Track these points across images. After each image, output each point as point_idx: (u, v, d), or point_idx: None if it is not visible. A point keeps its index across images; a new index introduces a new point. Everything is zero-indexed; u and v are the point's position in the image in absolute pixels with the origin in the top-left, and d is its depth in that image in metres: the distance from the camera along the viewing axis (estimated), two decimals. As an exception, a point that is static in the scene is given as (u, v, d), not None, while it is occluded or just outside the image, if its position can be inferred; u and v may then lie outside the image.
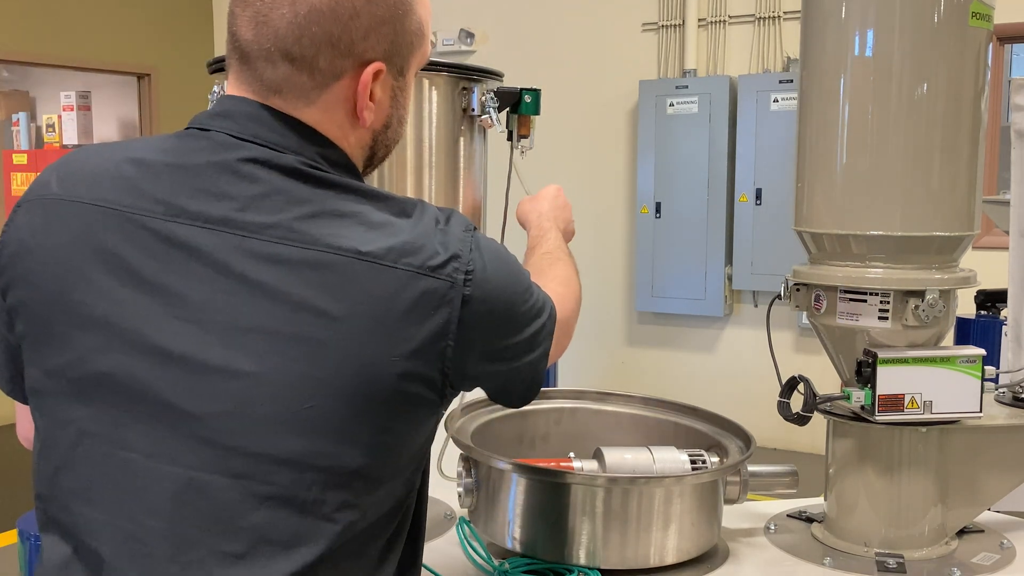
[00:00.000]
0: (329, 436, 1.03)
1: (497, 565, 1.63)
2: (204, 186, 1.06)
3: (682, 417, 1.98)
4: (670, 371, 6.67)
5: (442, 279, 1.05)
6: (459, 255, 1.07)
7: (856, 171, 1.71)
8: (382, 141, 1.18)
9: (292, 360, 1.01)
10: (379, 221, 1.06)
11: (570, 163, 6.76)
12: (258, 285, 1.02)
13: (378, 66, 1.10)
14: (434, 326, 1.05)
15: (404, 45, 1.13)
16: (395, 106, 1.17)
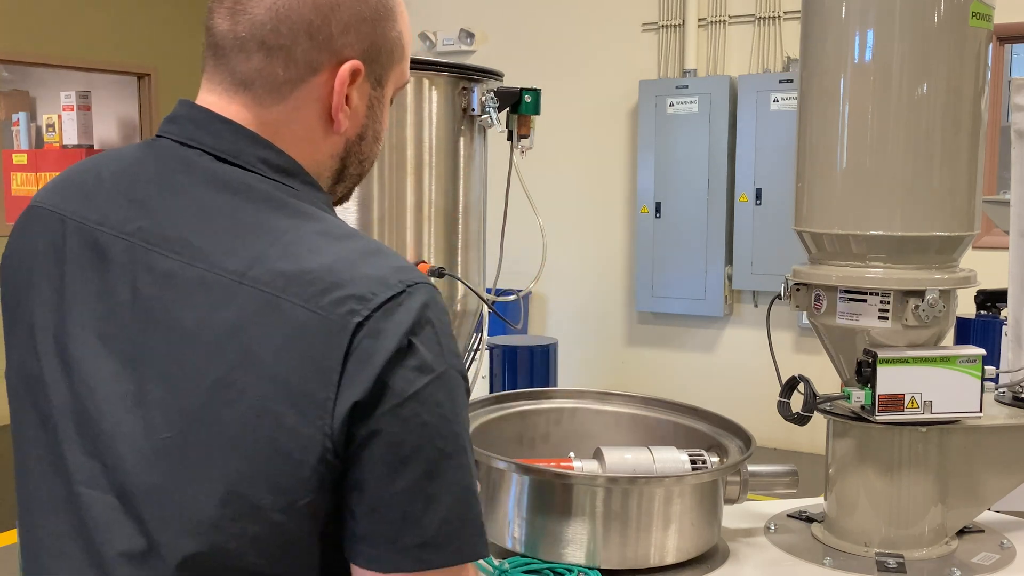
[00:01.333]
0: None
1: (497, 565, 1.63)
2: (133, 195, 1.04)
3: (682, 417, 1.98)
4: (670, 371, 6.67)
5: (331, 317, 0.93)
6: (367, 297, 0.94)
7: (856, 171, 1.71)
8: (355, 154, 1.11)
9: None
10: (290, 240, 0.98)
11: (570, 163, 6.76)
12: (147, 303, 0.99)
13: (356, 64, 1.05)
14: (313, 371, 0.93)
15: (384, 52, 1.08)
16: (371, 117, 1.10)
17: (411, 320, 0.94)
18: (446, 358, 0.96)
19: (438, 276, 1.71)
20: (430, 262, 1.71)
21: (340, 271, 0.95)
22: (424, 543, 0.94)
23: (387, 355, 0.92)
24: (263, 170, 1.03)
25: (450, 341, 0.98)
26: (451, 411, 0.96)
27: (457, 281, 1.76)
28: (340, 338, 0.92)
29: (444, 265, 1.72)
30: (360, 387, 0.92)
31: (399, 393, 0.93)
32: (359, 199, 1.66)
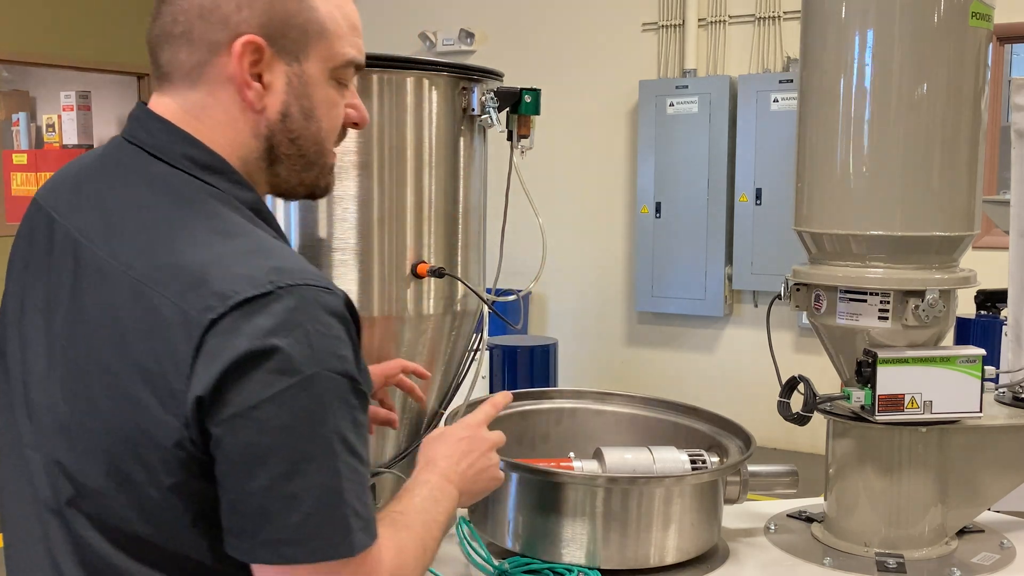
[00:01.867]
0: None
1: (497, 565, 1.63)
2: (83, 187, 1.13)
3: (682, 417, 1.98)
4: (670, 371, 6.67)
5: (190, 312, 0.97)
6: (227, 295, 0.97)
7: (856, 171, 1.71)
8: (281, 132, 1.13)
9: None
10: (182, 237, 1.02)
11: (570, 163, 6.76)
12: (70, 288, 1.07)
13: (250, 39, 1.08)
14: (171, 363, 0.97)
15: (292, 26, 1.10)
16: (293, 95, 1.12)
17: (274, 322, 0.97)
18: (318, 361, 0.98)
19: (438, 276, 1.71)
20: (430, 262, 1.71)
21: (212, 268, 0.99)
22: (283, 539, 0.98)
23: (236, 354, 0.96)
24: (188, 167, 1.09)
25: (327, 343, 1.00)
26: (319, 414, 0.98)
27: (457, 281, 1.76)
28: (194, 333, 0.96)
29: (444, 265, 1.72)
30: (205, 383, 0.96)
31: (253, 394, 0.96)
32: (359, 199, 1.66)
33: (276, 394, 0.96)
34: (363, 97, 1.64)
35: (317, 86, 1.14)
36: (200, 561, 1.03)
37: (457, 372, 1.90)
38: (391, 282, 1.70)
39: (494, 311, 1.81)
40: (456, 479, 1.33)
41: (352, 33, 1.18)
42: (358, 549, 1.00)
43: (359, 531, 1.00)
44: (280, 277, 0.99)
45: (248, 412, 0.96)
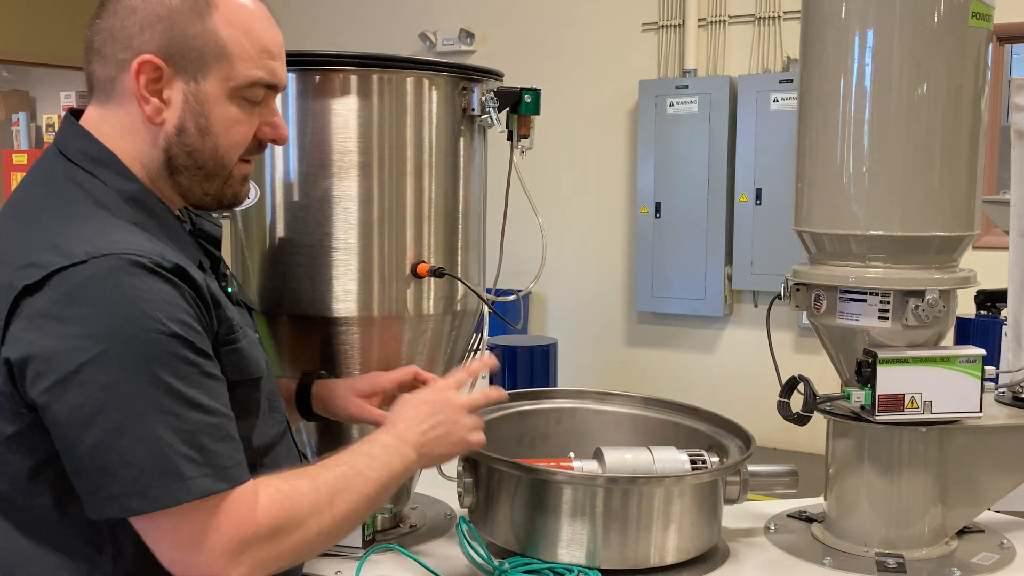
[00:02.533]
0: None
1: (497, 565, 1.63)
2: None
3: (682, 417, 1.98)
4: (670, 371, 6.66)
5: (13, 281, 1.08)
6: (43, 264, 1.08)
7: (856, 171, 1.71)
8: (178, 145, 1.23)
9: None
10: (42, 221, 1.15)
11: (570, 163, 6.76)
12: None
13: (147, 59, 1.19)
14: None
15: (190, 47, 1.20)
16: (189, 111, 1.22)
17: (89, 289, 1.06)
18: (135, 322, 1.06)
19: (438, 276, 1.71)
20: (430, 262, 1.71)
21: (39, 244, 1.11)
22: (124, 492, 1.06)
23: (50, 322, 1.05)
24: (81, 160, 1.21)
25: (145, 305, 1.07)
26: (141, 372, 1.05)
27: (457, 281, 1.76)
28: (8, 297, 1.07)
29: (444, 265, 1.72)
30: (18, 352, 1.06)
31: (71, 359, 1.04)
32: (359, 199, 1.66)
33: (95, 356, 1.04)
34: (363, 97, 1.65)
35: (215, 104, 1.23)
36: (46, 514, 1.12)
37: (457, 372, 1.89)
38: (391, 282, 1.70)
39: (494, 311, 1.81)
40: (413, 440, 1.36)
41: (262, 56, 1.25)
42: (196, 493, 1.07)
43: (200, 477, 1.07)
44: (96, 248, 1.08)
45: (69, 377, 1.04)
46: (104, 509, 1.08)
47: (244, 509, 1.12)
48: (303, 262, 1.67)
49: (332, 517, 1.20)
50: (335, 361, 1.70)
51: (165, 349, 1.08)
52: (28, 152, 6.73)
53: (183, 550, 1.09)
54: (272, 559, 1.15)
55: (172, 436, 1.06)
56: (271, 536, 1.14)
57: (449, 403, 1.44)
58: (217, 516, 1.09)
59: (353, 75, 1.65)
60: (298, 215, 1.67)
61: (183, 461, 1.07)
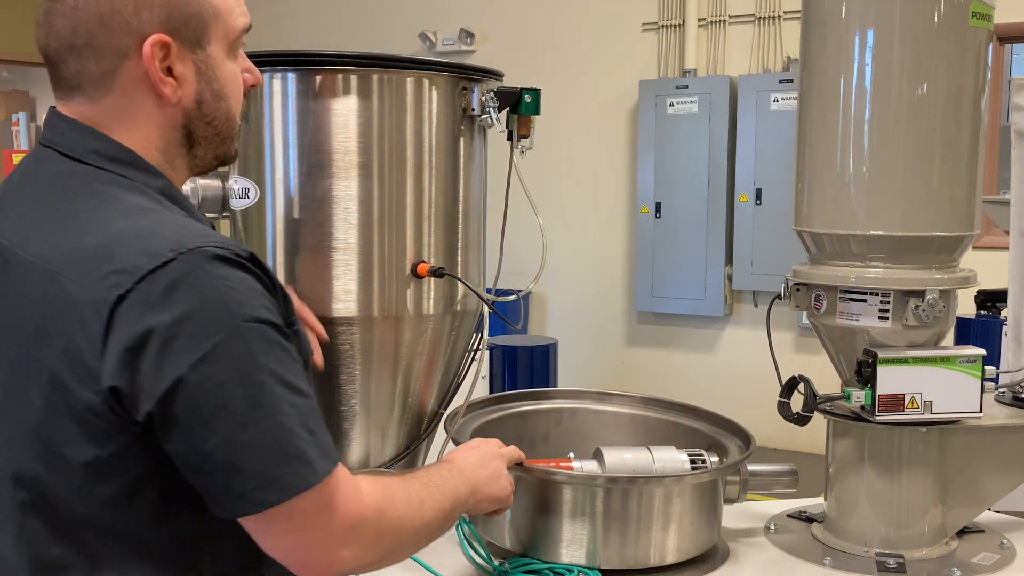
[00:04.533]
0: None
1: (497, 565, 1.63)
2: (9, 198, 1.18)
3: (682, 417, 1.98)
4: (670, 371, 6.67)
5: (97, 291, 1.02)
6: (129, 270, 1.01)
7: (856, 171, 1.71)
8: (198, 117, 1.18)
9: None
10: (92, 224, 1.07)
11: (570, 163, 6.76)
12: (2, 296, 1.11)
13: (157, 38, 1.11)
14: (85, 342, 1.02)
15: (191, 15, 1.14)
16: (203, 80, 1.16)
17: (182, 289, 1.01)
18: (235, 313, 1.03)
19: (438, 276, 1.71)
20: (430, 262, 1.71)
21: (114, 247, 1.04)
22: (255, 487, 1.03)
23: (153, 329, 1.00)
24: (96, 160, 1.14)
25: (239, 296, 1.04)
26: (251, 363, 1.03)
27: (457, 281, 1.76)
28: (103, 311, 1.01)
29: (444, 265, 1.72)
30: (124, 362, 1.00)
31: (182, 363, 1.00)
32: (359, 199, 1.65)
33: (205, 355, 1.01)
34: (363, 97, 1.65)
35: (220, 66, 1.19)
36: (136, 537, 1.08)
37: (457, 372, 1.90)
38: (391, 282, 1.70)
39: (494, 311, 1.81)
40: (469, 475, 1.40)
41: (239, 2, 1.21)
42: (322, 474, 1.05)
43: (318, 458, 1.06)
44: (179, 244, 1.04)
45: (183, 381, 1.00)
46: (234, 508, 1.04)
47: (352, 490, 1.11)
48: (303, 262, 1.67)
49: (422, 519, 1.22)
50: (335, 361, 1.70)
51: (262, 336, 1.05)
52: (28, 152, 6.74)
53: (299, 534, 1.07)
54: (374, 546, 1.14)
55: (290, 421, 1.05)
56: (376, 520, 1.14)
57: (496, 453, 1.50)
58: (332, 496, 1.08)
59: (353, 75, 1.65)
60: (298, 215, 1.67)
61: (304, 444, 1.05)
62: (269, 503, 1.03)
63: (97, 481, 1.05)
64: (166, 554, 1.09)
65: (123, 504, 1.06)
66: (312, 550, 1.08)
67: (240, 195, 1.71)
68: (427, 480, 1.29)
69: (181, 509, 1.08)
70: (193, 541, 1.10)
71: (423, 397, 1.81)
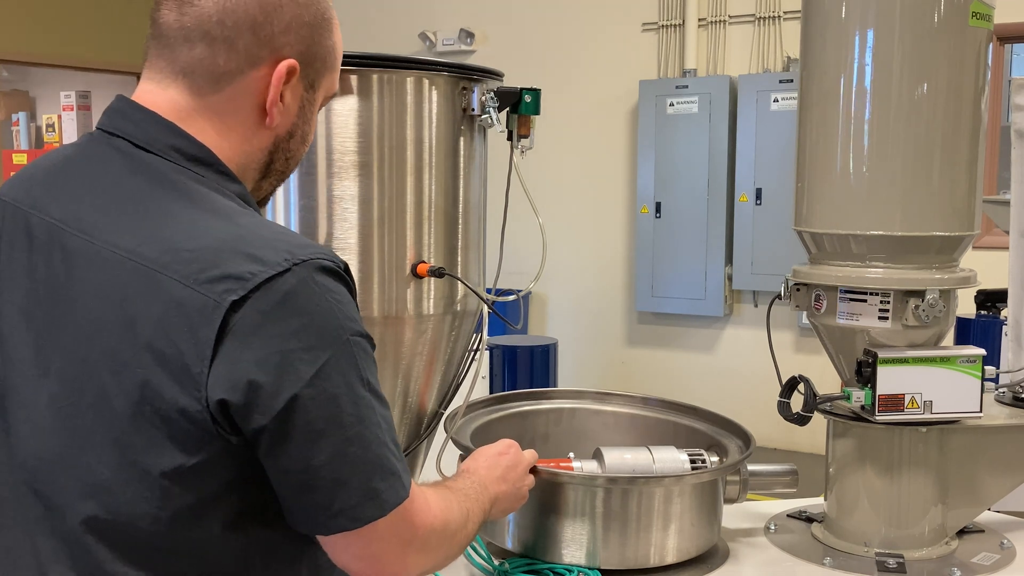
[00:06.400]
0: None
1: (497, 565, 1.63)
2: (62, 182, 1.12)
3: (682, 417, 1.98)
4: (670, 371, 6.66)
5: (208, 295, 0.98)
6: (244, 276, 0.98)
7: (856, 171, 1.71)
8: (283, 150, 1.17)
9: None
10: (185, 221, 1.03)
11: (570, 163, 6.76)
12: (57, 279, 1.06)
13: (293, 63, 1.12)
14: (190, 346, 0.98)
15: (319, 57, 1.15)
16: (302, 117, 1.17)
17: (299, 300, 1.00)
18: (344, 328, 1.02)
19: (438, 276, 1.71)
20: (430, 262, 1.71)
21: (222, 251, 1.00)
22: (357, 502, 1.02)
23: (270, 341, 0.98)
24: (175, 157, 1.09)
25: (345, 309, 1.03)
26: (356, 377, 1.02)
27: (457, 281, 1.76)
28: (215, 315, 0.97)
29: (444, 265, 1.72)
30: (239, 372, 0.97)
31: (297, 377, 0.98)
32: (359, 199, 1.65)
33: (320, 369, 1.00)
34: (363, 97, 1.65)
35: (315, 112, 1.20)
36: (202, 554, 1.04)
37: (457, 372, 1.90)
38: (391, 282, 1.70)
39: (494, 311, 1.81)
40: (493, 490, 1.40)
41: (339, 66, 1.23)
42: (409, 488, 1.07)
43: (404, 472, 1.07)
44: (291, 255, 1.01)
45: (299, 396, 0.98)
46: (333, 524, 1.03)
47: (423, 502, 1.12)
48: (303, 262, 1.67)
49: (466, 531, 1.24)
50: (335, 361, 1.70)
51: (363, 350, 1.05)
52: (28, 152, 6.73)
53: (380, 545, 1.07)
54: (436, 553, 1.16)
55: (384, 435, 1.05)
56: (442, 530, 1.16)
57: (518, 462, 1.50)
58: (410, 509, 1.09)
59: (353, 75, 1.65)
60: (298, 215, 1.67)
61: (395, 459, 1.06)
62: (370, 518, 1.03)
63: (171, 494, 1.01)
64: (223, 573, 1.06)
65: (190, 520, 1.02)
66: (389, 562, 1.09)
67: (240, 195, 1.71)
68: (466, 494, 1.30)
69: (247, 527, 1.06)
70: (249, 561, 1.07)
71: (423, 397, 1.81)
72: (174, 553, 1.03)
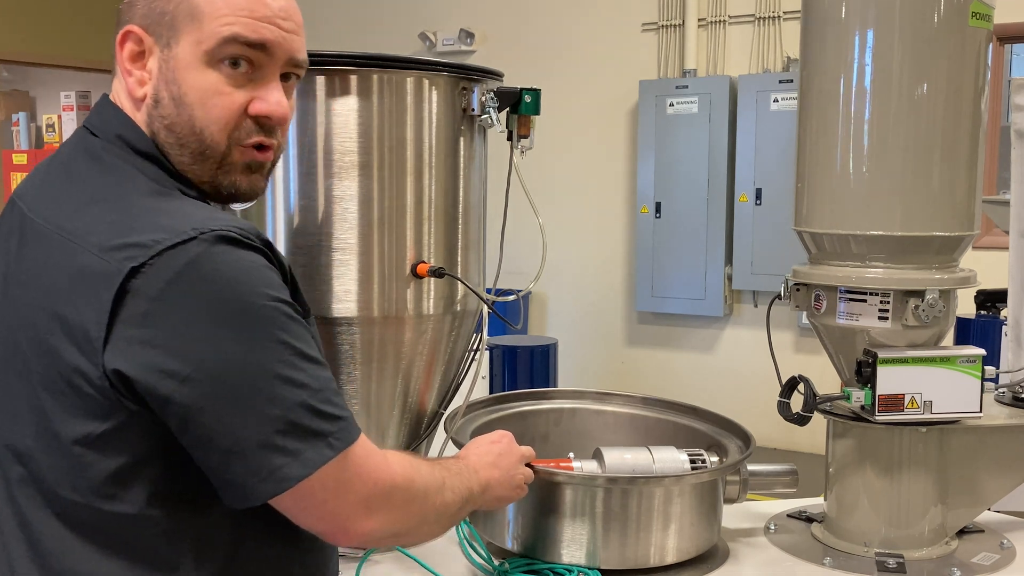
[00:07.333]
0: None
1: (497, 565, 1.63)
2: (43, 172, 1.19)
3: (682, 417, 1.98)
4: (670, 371, 6.66)
5: (111, 262, 1.01)
6: (148, 244, 1.00)
7: (856, 171, 1.71)
8: (157, 120, 1.14)
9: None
10: (114, 199, 1.08)
11: (570, 163, 6.76)
12: (15, 256, 1.12)
13: (127, 29, 1.14)
14: (91, 312, 1.00)
15: (163, 14, 1.13)
16: (163, 80, 1.14)
17: (201, 266, 1.00)
18: (252, 292, 1.03)
19: (438, 276, 1.71)
20: (430, 262, 1.71)
21: (135, 223, 1.03)
22: (284, 463, 1.02)
23: (168, 306, 0.99)
24: (120, 146, 1.14)
25: (254, 276, 1.04)
26: (270, 338, 1.03)
27: (457, 281, 1.76)
28: (114, 281, 0.99)
29: (444, 265, 1.72)
30: (133, 354, 0.99)
31: (202, 342, 0.99)
32: (359, 199, 1.65)
33: (225, 337, 1.00)
34: (363, 97, 1.65)
35: (188, 70, 1.13)
36: (124, 523, 1.05)
37: (457, 372, 1.90)
38: (391, 282, 1.70)
39: (494, 311, 1.81)
40: (483, 475, 1.39)
41: (239, 12, 1.13)
42: (345, 443, 1.06)
43: (339, 430, 1.06)
44: (202, 224, 1.03)
45: (204, 363, 0.99)
46: (263, 487, 1.03)
47: (380, 458, 1.12)
48: (303, 262, 1.67)
49: (443, 501, 1.23)
50: (335, 361, 1.70)
51: (282, 314, 1.05)
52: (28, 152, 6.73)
53: (334, 502, 1.08)
54: (404, 514, 1.16)
55: (310, 395, 1.05)
56: (406, 488, 1.15)
57: (511, 451, 1.49)
58: (359, 465, 1.09)
59: (353, 75, 1.65)
60: (298, 215, 1.67)
61: (324, 418, 1.05)
62: (298, 477, 1.03)
63: (84, 462, 1.03)
64: (149, 555, 1.06)
65: (109, 493, 1.04)
66: (347, 517, 1.09)
67: (240, 195, 1.71)
68: (446, 466, 1.31)
69: (171, 507, 1.06)
70: (177, 545, 1.07)
71: (423, 397, 1.81)
72: (101, 531, 1.05)
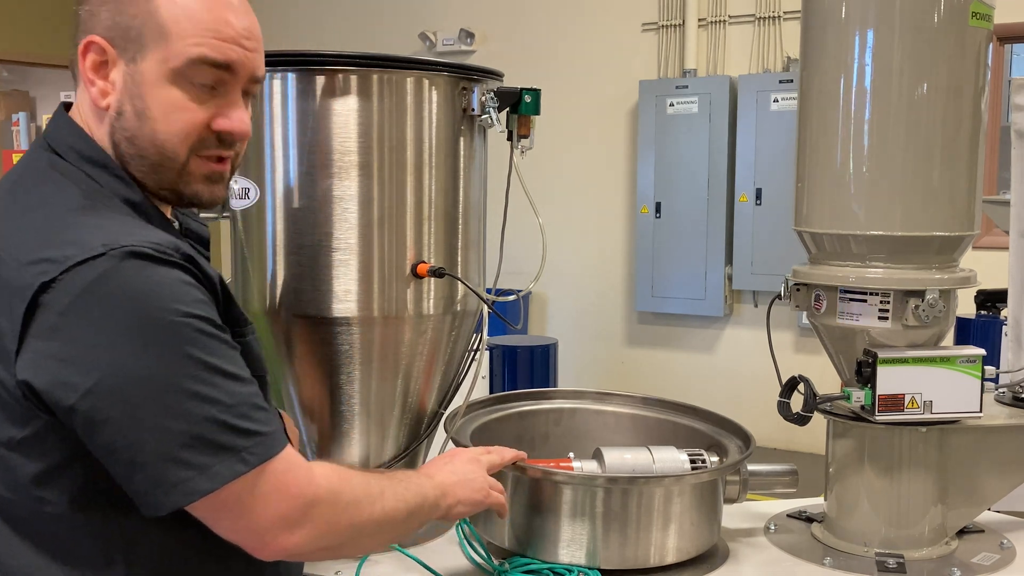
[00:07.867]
0: None
1: (497, 565, 1.63)
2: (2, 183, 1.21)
3: (682, 417, 1.98)
4: (670, 371, 6.66)
5: (26, 276, 1.04)
6: (59, 260, 1.03)
7: (856, 171, 1.71)
8: (120, 132, 1.17)
9: None
10: (52, 213, 1.10)
11: (570, 163, 6.76)
12: None
13: (90, 39, 1.16)
14: (7, 323, 1.04)
15: (132, 29, 1.15)
16: (127, 94, 1.16)
17: (111, 282, 1.03)
18: (164, 308, 1.04)
19: (438, 276, 1.71)
20: (430, 262, 1.71)
21: (54, 238, 1.06)
22: (189, 476, 1.04)
23: (77, 321, 1.02)
24: (72, 157, 1.17)
25: (168, 291, 1.05)
26: (180, 353, 1.04)
27: (457, 281, 1.76)
28: (26, 295, 1.03)
29: (444, 265, 1.72)
30: (41, 366, 1.02)
31: (97, 365, 1.02)
32: (359, 199, 1.65)
33: (130, 351, 1.02)
34: (363, 97, 1.65)
35: (153, 86, 1.17)
36: (53, 523, 1.09)
37: (457, 372, 1.90)
38: (391, 282, 1.70)
39: (494, 311, 1.81)
40: (439, 478, 1.41)
41: (206, 34, 1.16)
42: (256, 461, 1.07)
43: (254, 445, 1.07)
44: (113, 241, 1.05)
45: (107, 377, 1.02)
46: (168, 499, 1.05)
47: (302, 473, 1.13)
48: (303, 262, 1.68)
49: (383, 508, 1.23)
50: (335, 361, 1.70)
51: (194, 330, 1.06)
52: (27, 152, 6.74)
53: (250, 516, 1.09)
54: (330, 528, 1.16)
55: (221, 411, 1.06)
56: (332, 502, 1.15)
57: (474, 458, 1.52)
58: (278, 480, 1.10)
59: (353, 75, 1.65)
60: (298, 215, 1.67)
61: (236, 433, 1.06)
62: (204, 491, 1.05)
63: (11, 464, 1.08)
64: (78, 555, 1.10)
65: (34, 488, 1.08)
66: (265, 532, 1.10)
67: (240, 195, 1.71)
68: (391, 475, 1.33)
69: (98, 510, 1.10)
70: (107, 546, 1.11)
71: (423, 397, 1.81)
72: (34, 528, 1.09)
